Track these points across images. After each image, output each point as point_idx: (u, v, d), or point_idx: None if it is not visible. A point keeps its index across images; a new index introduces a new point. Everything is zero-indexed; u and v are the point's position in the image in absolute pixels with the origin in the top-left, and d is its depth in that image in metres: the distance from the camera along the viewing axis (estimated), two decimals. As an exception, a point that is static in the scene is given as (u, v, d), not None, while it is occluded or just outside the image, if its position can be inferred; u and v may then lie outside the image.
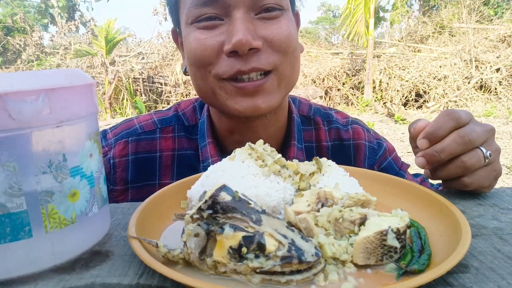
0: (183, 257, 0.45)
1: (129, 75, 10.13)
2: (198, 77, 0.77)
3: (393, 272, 0.44)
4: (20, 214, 0.42)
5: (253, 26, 0.71)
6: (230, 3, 0.70)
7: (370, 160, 0.96)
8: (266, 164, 0.60)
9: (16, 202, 0.42)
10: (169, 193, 0.64)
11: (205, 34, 0.73)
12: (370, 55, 9.33)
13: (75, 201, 0.47)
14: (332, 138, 0.96)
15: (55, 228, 0.45)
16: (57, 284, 0.44)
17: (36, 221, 0.43)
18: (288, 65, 0.76)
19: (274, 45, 0.73)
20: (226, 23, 0.72)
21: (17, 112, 0.40)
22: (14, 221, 0.42)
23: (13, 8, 14.33)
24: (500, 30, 9.49)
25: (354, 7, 9.84)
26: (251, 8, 0.71)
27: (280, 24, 0.74)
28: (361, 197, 0.52)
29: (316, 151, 0.94)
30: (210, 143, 0.86)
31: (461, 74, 9.16)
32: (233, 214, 0.43)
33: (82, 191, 0.47)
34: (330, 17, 28.04)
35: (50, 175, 0.43)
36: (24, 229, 0.42)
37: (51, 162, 0.43)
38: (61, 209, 0.45)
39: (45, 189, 0.43)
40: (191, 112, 0.94)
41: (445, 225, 0.51)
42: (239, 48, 0.69)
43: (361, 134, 0.97)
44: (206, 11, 0.71)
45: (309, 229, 0.48)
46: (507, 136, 6.51)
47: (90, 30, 12.50)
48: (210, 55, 0.72)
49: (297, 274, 0.41)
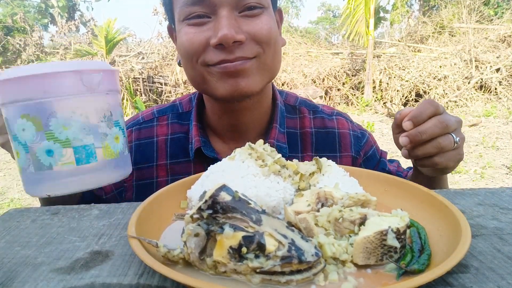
0: (183, 257, 0.45)
1: (129, 75, 10.13)
2: (189, 67, 0.86)
3: (393, 272, 0.44)
4: (90, 146, 0.65)
5: (237, 23, 0.79)
6: (216, 3, 0.78)
7: (356, 147, 1.02)
8: (266, 164, 0.61)
9: (88, 138, 0.65)
10: (169, 193, 0.64)
11: (194, 29, 0.81)
12: (370, 55, 9.33)
13: (118, 143, 0.70)
14: (317, 126, 1.02)
15: (108, 157, 0.68)
16: (57, 284, 0.44)
17: (99, 151, 0.66)
18: (270, 55, 0.85)
19: (256, 38, 0.81)
20: (213, 20, 0.80)
21: (87, 82, 0.64)
22: (87, 150, 0.65)
23: (13, 8, 14.33)
24: (500, 30, 9.48)
25: (355, 7, 9.84)
26: (235, 7, 0.79)
27: (261, 21, 0.82)
28: (361, 197, 0.53)
29: (300, 138, 1.00)
30: (194, 126, 0.97)
31: (461, 74, 9.16)
32: (233, 214, 0.43)
33: (120, 137, 0.71)
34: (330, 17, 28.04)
35: (104, 123, 0.67)
36: (92, 155, 0.66)
37: (105, 115, 0.67)
38: (111, 146, 0.68)
39: (103, 132, 0.67)
40: (187, 101, 1.05)
41: (445, 225, 0.51)
42: (224, 41, 0.77)
43: (345, 124, 1.04)
44: (195, 9, 0.80)
45: (309, 229, 0.48)
46: (507, 136, 6.51)
47: (90, 30, 12.49)
48: (197, 47, 0.81)
49: (297, 274, 0.41)
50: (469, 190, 0.71)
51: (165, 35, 11.18)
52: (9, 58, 12.96)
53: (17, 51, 12.73)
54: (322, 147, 1.00)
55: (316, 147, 1.00)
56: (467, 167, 5.00)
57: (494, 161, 5.23)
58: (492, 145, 5.91)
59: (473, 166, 5.05)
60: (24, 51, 12.36)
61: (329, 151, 1.00)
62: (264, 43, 0.82)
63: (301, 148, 0.99)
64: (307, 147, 0.99)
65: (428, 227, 0.52)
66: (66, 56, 11.48)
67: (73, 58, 10.93)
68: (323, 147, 1.00)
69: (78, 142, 0.63)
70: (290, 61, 10.25)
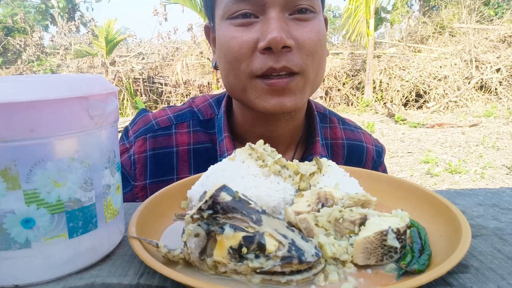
0: (183, 257, 0.45)
1: (129, 75, 10.14)
2: (231, 74, 0.80)
3: (393, 272, 0.44)
4: (90, 207, 0.46)
5: (287, 26, 0.74)
6: (265, 1, 0.73)
7: (375, 163, 1.02)
8: (266, 165, 0.61)
9: (88, 196, 0.45)
10: (169, 193, 0.64)
11: (240, 32, 0.76)
12: (370, 55, 9.33)
13: (119, 194, 0.52)
14: (348, 138, 1.00)
15: (110, 218, 0.49)
16: (57, 284, 0.44)
17: (100, 213, 0.47)
18: (314, 69, 0.80)
19: (304, 47, 0.76)
20: (260, 21, 0.75)
21: (94, 112, 0.45)
22: (85, 214, 0.46)
23: (13, 9, 14.34)
24: (500, 30, 9.48)
25: (355, 8, 9.84)
26: (285, 8, 0.74)
27: (312, 27, 0.77)
28: (361, 197, 0.53)
29: (331, 148, 0.97)
30: (226, 137, 0.89)
31: (461, 74, 9.16)
32: (233, 214, 0.43)
33: (121, 184, 0.53)
34: (331, 17, 28.03)
35: (108, 170, 0.48)
36: (92, 221, 0.46)
37: (109, 158, 0.48)
38: (113, 201, 0.50)
39: (107, 183, 0.48)
40: (206, 107, 0.96)
41: (445, 225, 0.51)
42: (274, 45, 0.72)
43: (369, 139, 1.03)
44: (242, 7, 0.75)
45: (309, 229, 0.48)
46: (507, 136, 6.51)
47: (91, 31, 12.50)
48: (245, 52, 0.76)
49: (297, 274, 0.41)
50: (469, 190, 0.71)
51: (165, 35, 11.19)
52: (9, 58, 12.97)
53: (17, 52, 12.74)
54: (351, 160, 0.97)
55: (346, 159, 0.96)
56: (467, 167, 5.00)
57: (495, 161, 5.23)
58: (493, 145, 5.91)
59: (473, 166, 5.05)
60: (24, 51, 12.36)
61: (356, 164, 0.96)
62: (311, 54, 0.77)
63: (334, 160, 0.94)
64: (338, 160, 0.95)
65: (428, 227, 0.52)
66: (67, 57, 11.49)
67: (73, 58, 10.93)
68: (352, 160, 0.97)
69: (75, 203, 0.44)
70: (290, 61, 10.22)
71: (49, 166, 0.42)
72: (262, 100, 0.78)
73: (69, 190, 0.43)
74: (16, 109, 0.39)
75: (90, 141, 0.45)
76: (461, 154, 5.66)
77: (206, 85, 9.88)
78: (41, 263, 0.43)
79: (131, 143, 0.92)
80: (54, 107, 0.41)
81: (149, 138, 0.90)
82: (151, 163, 0.90)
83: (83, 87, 0.44)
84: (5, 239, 0.42)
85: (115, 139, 0.50)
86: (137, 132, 0.92)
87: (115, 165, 0.50)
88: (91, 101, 0.44)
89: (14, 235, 0.42)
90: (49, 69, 11.26)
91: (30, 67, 11.61)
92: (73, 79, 0.46)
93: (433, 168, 4.99)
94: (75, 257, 0.45)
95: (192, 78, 9.92)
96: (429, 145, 6.19)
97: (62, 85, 0.43)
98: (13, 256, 0.42)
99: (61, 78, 0.47)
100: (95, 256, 0.48)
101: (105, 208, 0.48)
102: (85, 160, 0.45)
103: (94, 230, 0.47)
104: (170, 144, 0.91)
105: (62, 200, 0.43)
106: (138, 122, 0.94)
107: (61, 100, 0.42)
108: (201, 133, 0.92)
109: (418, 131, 7.23)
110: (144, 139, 0.90)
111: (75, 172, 0.44)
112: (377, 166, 1.01)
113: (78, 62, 10.74)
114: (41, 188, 0.42)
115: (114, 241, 0.51)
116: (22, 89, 0.41)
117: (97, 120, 0.45)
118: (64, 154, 0.43)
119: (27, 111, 0.40)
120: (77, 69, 10.60)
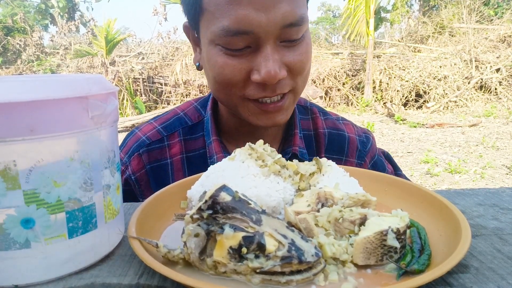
0: (183, 257, 0.45)
1: (129, 75, 10.13)
2: (221, 92, 0.80)
3: (393, 272, 0.44)
4: (90, 207, 0.46)
5: (279, 55, 0.73)
6: (260, 35, 0.71)
7: (361, 153, 1.01)
8: (266, 164, 0.60)
9: (88, 196, 0.45)
10: (169, 193, 0.64)
11: (232, 60, 0.74)
12: (370, 55, 9.33)
13: (119, 194, 0.52)
14: (329, 127, 1.00)
15: (110, 218, 0.49)
16: (57, 284, 0.44)
17: (100, 213, 0.47)
18: (303, 83, 0.82)
19: (295, 70, 0.77)
20: (253, 51, 0.73)
21: (94, 112, 0.45)
22: (85, 214, 0.45)
23: (13, 8, 14.33)
24: (500, 30, 9.48)
25: (355, 8, 9.84)
26: (278, 37, 0.73)
27: (302, 49, 0.76)
28: (361, 197, 0.52)
29: (314, 139, 0.98)
30: (214, 140, 0.89)
31: (461, 74, 9.16)
32: (233, 214, 0.43)
33: (120, 184, 0.53)
34: (330, 17, 28.03)
35: (108, 170, 0.48)
36: (92, 221, 0.46)
37: (109, 158, 0.48)
38: (113, 201, 0.50)
39: (106, 183, 0.48)
40: (192, 111, 0.96)
41: (445, 225, 0.51)
42: (269, 82, 0.73)
43: (352, 129, 1.03)
44: (236, 40, 0.71)
45: (309, 229, 0.48)
46: (507, 136, 6.51)
47: (90, 30, 12.50)
48: (238, 80, 0.75)
49: (297, 274, 0.41)
50: (469, 190, 0.71)
51: (165, 35, 11.18)
52: (9, 58, 12.96)
53: (17, 52, 12.73)
54: (332, 148, 0.98)
55: (327, 147, 0.98)
56: (467, 167, 5.00)
57: (494, 161, 5.23)
58: (492, 145, 5.91)
59: (473, 166, 5.05)
60: (24, 51, 12.36)
61: (337, 153, 0.98)
62: (300, 73, 0.78)
63: (316, 150, 0.97)
64: (321, 149, 0.97)
65: (428, 227, 0.52)
66: (66, 57, 11.49)
67: (73, 58, 10.93)
68: (333, 149, 0.98)
69: (75, 203, 0.44)
70: (290, 61, 10.23)
71: (49, 166, 0.42)
72: (255, 118, 0.80)
73: (68, 190, 0.43)
74: (16, 109, 0.39)
75: (90, 141, 0.45)
76: (461, 154, 5.66)
77: (205, 85, 9.87)
78: (41, 263, 0.43)
79: (125, 164, 0.91)
80: (54, 107, 0.41)
81: (143, 153, 0.90)
82: (152, 176, 0.90)
83: (83, 87, 0.44)
84: (4, 239, 0.42)
85: (115, 139, 0.50)
86: (129, 151, 0.92)
87: (115, 165, 0.50)
88: (91, 101, 0.44)
89: (13, 235, 0.42)
90: (49, 69, 11.26)
91: (30, 67, 11.61)
92: (73, 79, 0.46)
93: (433, 168, 4.99)
94: (75, 257, 0.45)
95: (192, 78, 9.92)
96: (429, 145, 6.19)
97: (62, 85, 0.43)
98: (13, 256, 0.42)
99: (61, 78, 0.47)
100: (95, 256, 0.48)
101: (105, 208, 0.48)
102: (85, 160, 0.44)
103: (94, 230, 0.47)
104: (165, 157, 0.91)
105: (62, 200, 0.43)
106: (128, 142, 0.94)
107: (61, 100, 0.41)
108: (192, 141, 0.93)
109: (418, 131, 7.23)
110: (139, 155, 0.90)
111: (74, 172, 0.44)
112: (363, 156, 1.01)
113: (77, 62, 10.73)
114: (40, 188, 0.41)
115: (114, 241, 0.51)
116: (22, 89, 0.40)
117: (97, 120, 0.45)
118: (64, 154, 0.43)
119: (27, 111, 0.40)
120: (77, 69, 10.60)
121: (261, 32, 0.70)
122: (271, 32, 0.71)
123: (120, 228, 0.53)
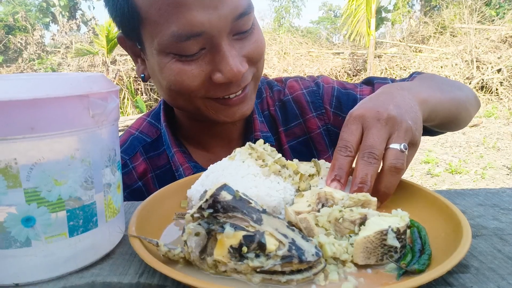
0: (183, 256, 0.45)
1: (130, 74, 10.14)
2: (179, 99, 0.77)
3: (393, 272, 0.44)
4: (90, 206, 0.46)
5: (236, 50, 0.72)
6: (213, 34, 0.68)
7: (315, 104, 0.95)
8: (267, 164, 0.61)
9: (89, 195, 0.45)
10: (169, 193, 0.64)
11: (189, 65, 0.70)
12: (371, 55, 9.33)
13: (119, 193, 0.52)
14: (276, 100, 0.97)
15: (111, 217, 0.49)
16: (57, 282, 0.44)
17: (101, 212, 0.47)
18: (261, 67, 0.81)
19: (254, 59, 0.76)
20: (209, 51, 0.70)
21: (95, 111, 0.45)
22: (86, 213, 0.45)
23: (14, 7, 14.34)
24: (501, 31, 9.47)
25: (356, 7, 9.83)
26: (231, 32, 0.70)
27: (255, 36, 0.75)
28: (361, 198, 0.53)
29: (269, 118, 0.95)
30: (176, 152, 0.87)
31: (462, 75, 9.15)
32: (234, 213, 0.43)
33: (121, 183, 0.53)
34: (332, 17, 28.02)
35: (109, 168, 0.48)
36: (92, 220, 0.46)
37: (109, 156, 0.48)
38: (114, 200, 0.50)
39: (107, 182, 0.48)
40: (148, 127, 0.93)
41: (446, 225, 0.51)
42: (234, 79, 0.71)
43: (295, 86, 0.97)
44: (188, 45, 0.68)
45: (310, 229, 0.48)
46: (508, 136, 6.50)
47: (91, 29, 12.51)
48: (198, 84, 0.72)
49: (298, 273, 0.41)
50: (469, 190, 0.71)
51: (166, 34, 11.16)
52: (10, 56, 12.98)
53: (19, 50, 12.75)
54: (287, 118, 0.95)
55: (282, 122, 0.94)
56: (468, 167, 5.00)
57: (495, 161, 5.22)
58: (493, 146, 5.90)
59: (474, 166, 5.05)
60: (26, 50, 12.37)
61: (293, 120, 0.94)
62: (258, 60, 0.77)
63: (275, 129, 0.94)
64: (279, 127, 0.94)
65: (429, 227, 0.52)
66: (67, 55, 11.49)
67: (74, 57, 10.93)
68: (287, 119, 0.95)
69: (75, 202, 0.44)
70: (291, 61, 10.25)
71: (50, 164, 0.42)
72: (220, 114, 0.78)
73: (69, 188, 0.43)
74: (17, 107, 0.39)
75: (91, 139, 0.45)
76: (461, 154, 5.66)
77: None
78: (42, 261, 0.43)
79: None
80: (54, 105, 0.41)
81: None
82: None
83: (83, 85, 0.44)
84: (5, 237, 0.42)
85: (115, 137, 0.50)
86: None
87: (116, 163, 0.50)
88: (92, 99, 0.44)
89: (14, 233, 0.42)
90: (50, 67, 11.28)
91: (31, 65, 11.62)
92: (74, 77, 0.46)
93: (434, 168, 4.99)
94: (76, 255, 0.45)
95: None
96: (429, 145, 6.18)
97: (63, 83, 0.43)
98: (14, 255, 0.42)
99: (62, 76, 0.47)
100: (96, 255, 0.48)
101: (105, 207, 0.48)
102: (86, 158, 0.44)
103: (95, 228, 0.47)
104: (134, 181, 0.89)
105: (63, 199, 0.43)
106: None
107: (61, 98, 0.41)
108: (156, 157, 0.90)
109: (418, 131, 7.21)
110: None
111: (75, 170, 0.43)
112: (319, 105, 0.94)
113: (79, 61, 10.74)
114: (41, 186, 0.41)
115: (115, 240, 0.51)
116: (23, 87, 0.40)
117: (98, 118, 0.45)
118: (65, 153, 0.43)
119: (27, 109, 0.39)
120: (78, 68, 10.61)
121: (214, 30, 0.67)
122: (223, 28, 0.68)
123: (121, 227, 0.53)
